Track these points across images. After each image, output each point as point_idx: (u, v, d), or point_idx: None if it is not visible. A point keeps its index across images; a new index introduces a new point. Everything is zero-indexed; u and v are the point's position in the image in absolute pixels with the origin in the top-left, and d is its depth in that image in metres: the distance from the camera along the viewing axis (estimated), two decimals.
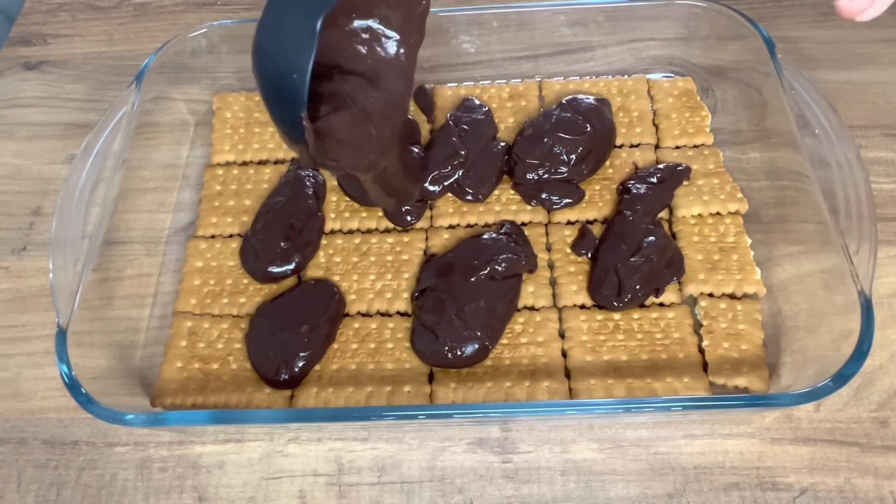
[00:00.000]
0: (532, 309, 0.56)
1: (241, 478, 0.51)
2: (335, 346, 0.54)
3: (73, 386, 0.46)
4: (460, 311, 0.53)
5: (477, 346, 0.52)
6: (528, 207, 0.61)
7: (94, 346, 0.52)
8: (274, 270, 0.57)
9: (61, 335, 0.48)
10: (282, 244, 0.57)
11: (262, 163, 0.65)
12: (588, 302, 0.56)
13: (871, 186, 0.50)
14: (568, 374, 0.52)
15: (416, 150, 0.62)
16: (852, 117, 0.65)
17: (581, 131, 0.60)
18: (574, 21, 0.66)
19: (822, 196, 0.52)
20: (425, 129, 0.66)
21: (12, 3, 0.83)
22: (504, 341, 0.54)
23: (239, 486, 0.51)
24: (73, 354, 0.47)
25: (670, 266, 0.56)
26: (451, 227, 0.61)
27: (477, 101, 0.66)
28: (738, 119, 0.64)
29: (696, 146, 0.63)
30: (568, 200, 0.60)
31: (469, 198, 0.61)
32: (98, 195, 0.55)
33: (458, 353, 0.52)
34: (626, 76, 0.68)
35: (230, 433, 0.53)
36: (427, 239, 0.60)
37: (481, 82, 0.69)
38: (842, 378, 0.44)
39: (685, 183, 0.60)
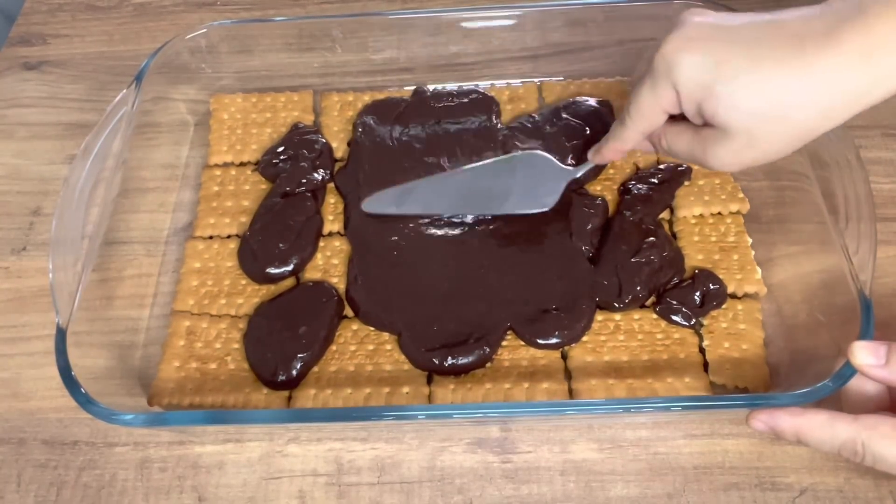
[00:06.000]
0: None
1: (240, 478, 0.51)
2: (333, 347, 0.54)
3: (72, 386, 0.46)
4: None
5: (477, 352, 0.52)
6: None
7: (94, 346, 0.52)
8: (272, 271, 0.57)
9: (61, 335, 0.48)
10: (280, 245, 0.57)
11: (260, 163, 0.65)
12: None
13: (870, 186, 0.50)
14: (568, 375, 0.52)
15: None
16: (852, 117, 0.65)
17: (581, 134, 0.60)
18: (574, 21, 0.66)
19: (822, 196, 0.52)
20: None
21: (12, 3, 0.83)
22: (503, 343, 0.54)
23: (238, 486, 0.51)
24: (72, 354, 0.47)
25: (671, 266, 0.56)
26: None
27: None
28: None
29: None
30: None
31: None
32: (98, 195, 0.55)
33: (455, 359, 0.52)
34: (626, 77, 0.68)
35: (230, 433, 0.53)
36: None
37: (481, 83, 0.69)
38: (842, 378, 0.44)
39: (686, 183, 0.60)
